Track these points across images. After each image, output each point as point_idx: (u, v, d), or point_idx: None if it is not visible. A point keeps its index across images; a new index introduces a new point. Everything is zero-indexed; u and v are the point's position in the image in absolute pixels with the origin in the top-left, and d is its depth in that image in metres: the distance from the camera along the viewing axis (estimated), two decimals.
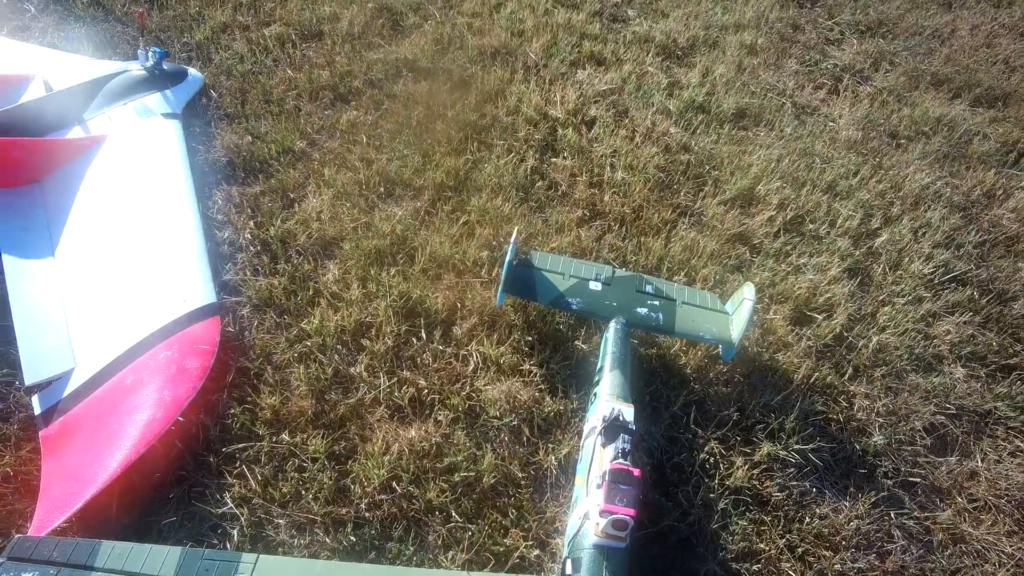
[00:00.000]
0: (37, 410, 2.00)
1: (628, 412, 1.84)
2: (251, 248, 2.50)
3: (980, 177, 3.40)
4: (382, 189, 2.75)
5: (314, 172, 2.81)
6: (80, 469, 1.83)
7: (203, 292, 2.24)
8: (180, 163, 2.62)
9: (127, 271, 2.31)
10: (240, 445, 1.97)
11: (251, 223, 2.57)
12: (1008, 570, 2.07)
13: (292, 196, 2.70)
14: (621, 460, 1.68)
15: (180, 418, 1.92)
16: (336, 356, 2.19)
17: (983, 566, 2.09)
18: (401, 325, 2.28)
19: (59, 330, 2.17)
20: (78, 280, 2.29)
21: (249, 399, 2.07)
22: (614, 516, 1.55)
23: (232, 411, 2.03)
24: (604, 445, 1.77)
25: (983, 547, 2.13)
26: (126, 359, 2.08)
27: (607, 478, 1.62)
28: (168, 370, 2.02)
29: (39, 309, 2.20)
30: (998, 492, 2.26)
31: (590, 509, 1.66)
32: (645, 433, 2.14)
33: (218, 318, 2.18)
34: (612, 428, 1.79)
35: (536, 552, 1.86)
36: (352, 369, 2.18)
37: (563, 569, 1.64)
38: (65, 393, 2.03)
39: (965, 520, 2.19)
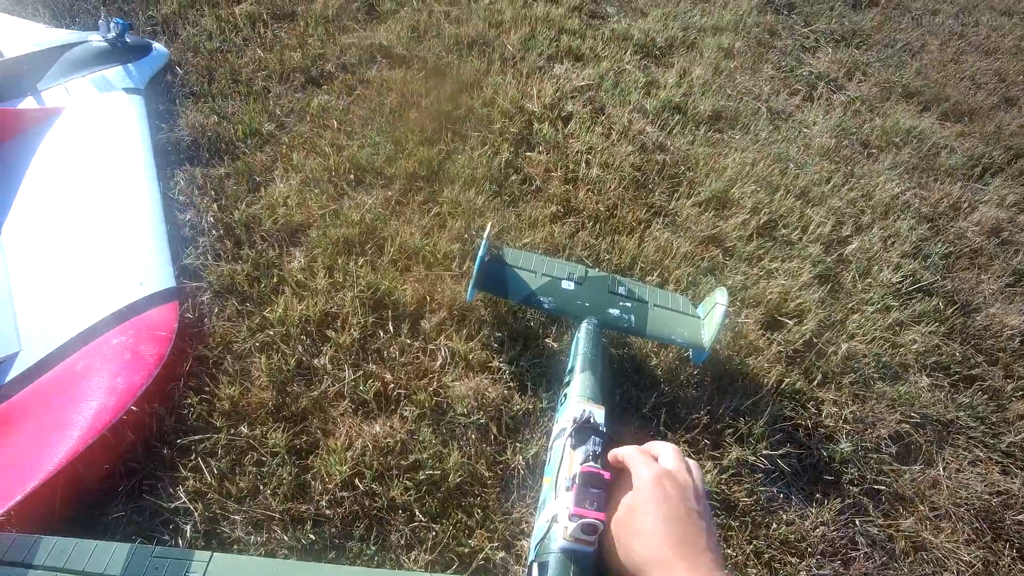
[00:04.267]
0: None
1: (599, 414, 1.79)
2: (214, 232, 2.40)
3: (947, 190, 3.45)
4: (352, 176, 2.67)
5: (282, 156, 2.71)
6: (23, 458, 1.72)
7: (161, 276, 2.14)
8: (141, 140, 2.50)
9: (80, 252, 2.19)
10: (196, 437, 1.88)
11: (214, 206, 2.47)
12: None
13: (258, 180, 2.61)
14: (592, 463, 1.64)
15: (133, 407, 1.82)
16: (300, 347, 2.11)
17: (942, 574, 2.11)
18: (368, 317, 2.21)
19: (4, 311, 2.05)
20: (26, 259, 2.17)
21: (207, 389, 1.98)
22: (584, 520, 1.49)
23: (188, 401, 1.94)
24: (574, 447, 1.72)
25: (943, 555, 2.15)
26: (77, 343, 1.97)
27: (577, 481, 1.57)
28: (122, 356, 1.92)
29: None
30: (958, 501, 2.28)
31: (558, 512, 1.61)
32: (615, 435, 2.11)
33: (176, 303, 2.08)
34: (582, 430, 1.74)
35: (501, 554, 1.81)
36: (316, 361, 2.10)
37: (529, 573, 1.59)
38: (8, 378, 1.92)
39: (926, 528, 2.21)
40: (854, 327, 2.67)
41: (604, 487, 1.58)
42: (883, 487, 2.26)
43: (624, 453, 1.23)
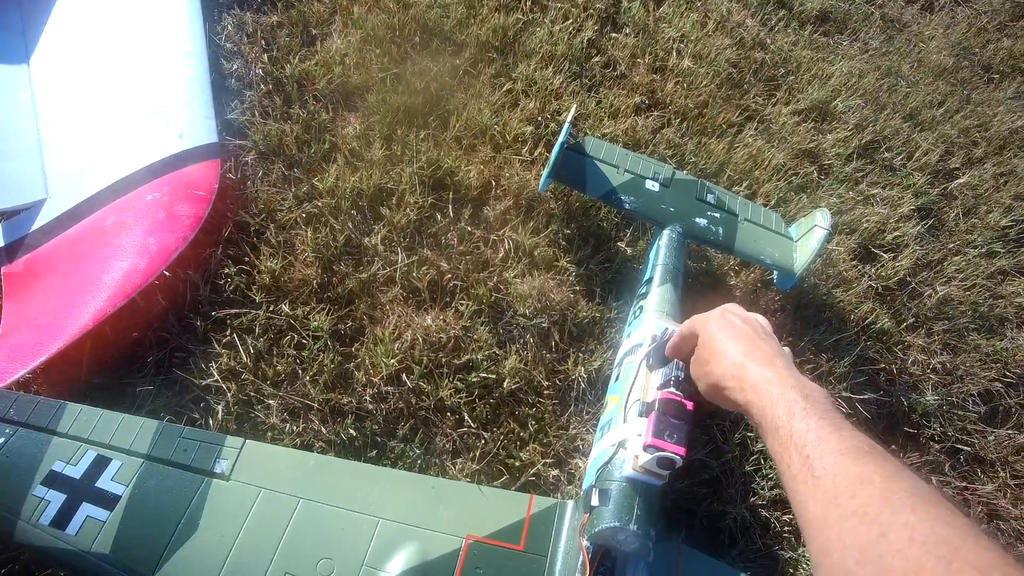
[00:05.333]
0: (0, 243, 1.72)
1: None
2: (262, 86, 2.14)
3: None
4: (417, 39, 2.37)
5: (342, 8, 2.40)
6: (47, 317, 1.57)
7: (203, 129, 1.92)
8: None
9: (115, 95, 1.96)
10: (232, 311, 1.71)
11: (265, 57, 2.20)
12: None
13: (314, 32, 2.32)
14: (673, 389, 1.44)
15: (166, 271, 1.65)
16: (350, 223, 1.90)
17: (1017, 547, 1.94)
18: (427, 197, 1.98)
19: (31, 153, 1.84)
20: (56, 99, 1.95)
21: (247, 260, 1.79)
22: (661, 454, 1.31)
23: (226, 271, 1.76)
24: (651, 368, 1.52)
25: (1020, 527, 1.98)
26: (107, 196, 1.77)
27: (657, 408, 1.38)
28: (156, 214, 1.73)
29: (7, 125, 1.87)
30: None
31: (628, 438, 1.43)
32: None
33: (218, 161, 1.87)
34: (663, 349, 1.54)
35: (555, 472, 1.66)
36: (367, 240, 1.89)
37: (587, 499, 1.43)
38: (34, 227, 1.74)
39: (1006, 496, 2.03)
40: (953, 270, 2.40)
41: (687, 419, 1.38)
42: (965, 447, 2.07)
43: (687, 321, 1.20)
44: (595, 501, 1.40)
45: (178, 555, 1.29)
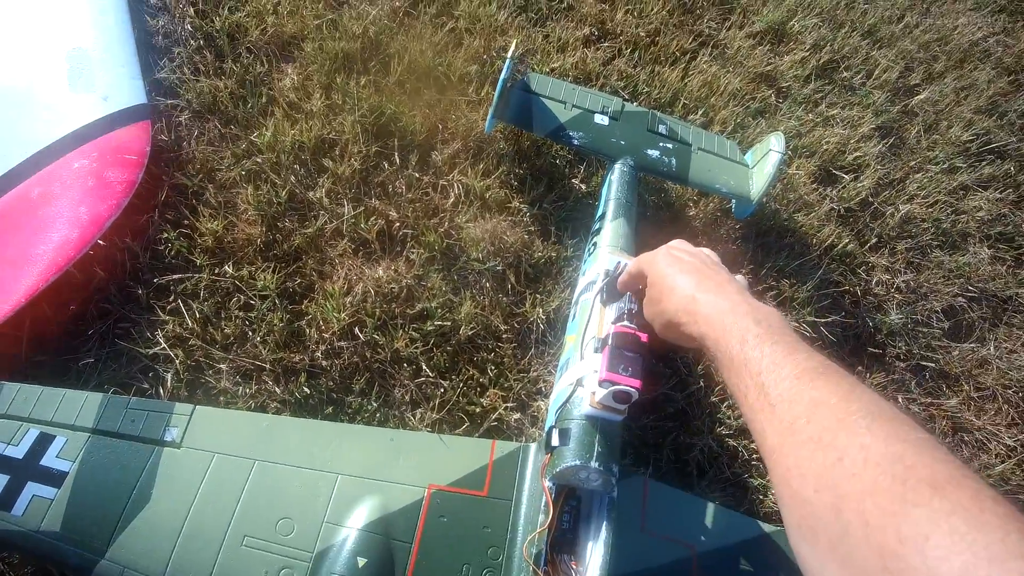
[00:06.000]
0: None
1: None
2: (191, 42, 2.04)
3: None
4: None
5: None
6: None
7: (129, 90, 1.83)
8: None
9: (31, 58, 1.85)
10: (175, 276, 1.65)
11: (191, 10, 2.09)
12: (1003, 460, 1.95)
13: None
14: (627, 323, 1.41)
15: (100, 240, 1.58)
16: (292, 177, 1.84)
17: (980, 457, 1.97)
18: (371, 145, 1.91)
19: None
20: None
21: (186, 223, 1.72)
22: (616, 387, 1.29)
23: (165, 236, 1.69)
24: (605, 303, 1.50)
25: (984, 437, 2.00)
26: (31, 167, 1.68)
27: (610, 342, 1.36)
28: (85, 182, 1.65)
29: None
30: (1006, 382, 2.11)
31: (585, 375, 1.41)
32: None
33: (148, 123, 1.78)
34: (616, 284, 1.51)
35: (516, 415, 1.64)
36: (311, 194, 1.83)
37: (548, 439, 1.41)
38: None
39: (970, 409, 2.04)
40: (915, 188, 2.38)
41: (641, 351, 1.36)
42: (930, 364, 2.07)
43: (635, 260, 1.18)
44: (555, 441, 1.39)
45: (132, 527, 1.26)
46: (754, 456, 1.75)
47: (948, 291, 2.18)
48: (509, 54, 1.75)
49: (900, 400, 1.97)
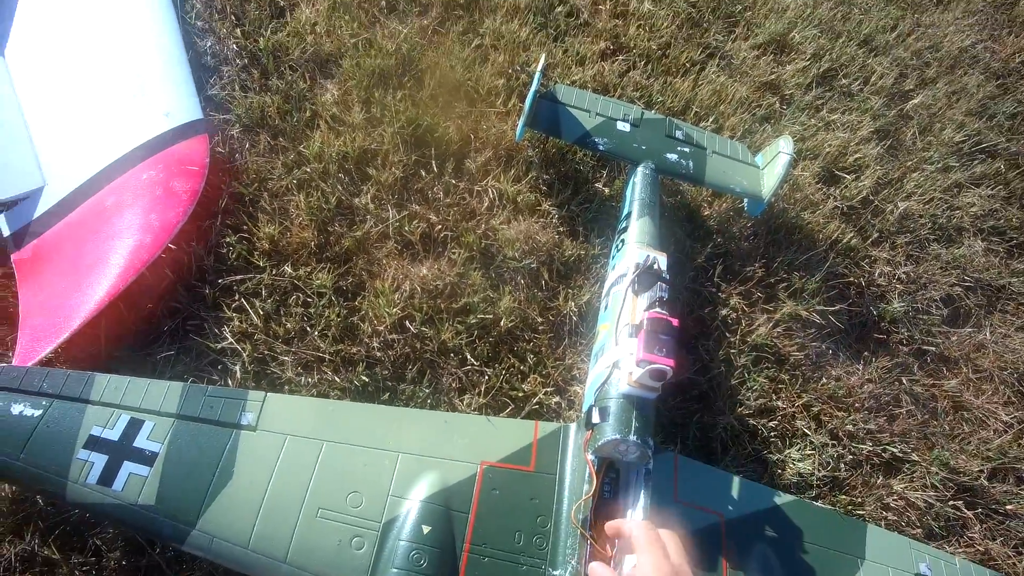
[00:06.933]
0: (6, 232, 1.77)
1: (663, 260, 1.71)
2: (237, 61, 2.19)
3: (1022, 43, 3.19)
4: (383, 3, 2.42)
5: None
6: (62, 298, 1.65)
7: (188, 106, 1.97)
8: None
9: (97, 79, 2.00)
10: (238, 277, 1.80)
11: (237, 31, 2.24)
12: (1000, 435, 2.10)
13: (282, 4, 2.36)
14: (659, 309, 1.57)
15: (171, 245, 1.72)
16: (339, 185, 1.98)
17: (979, 433, 2.11)
18: (410, 155, 2.07)
19: (21, 143, 1.89)
20: (38, 87, 1.99)
21: (245, 228, 1.87)
22: (653, 366, 1.44)
23: (227, 240, 1.84)
24: (637, 293, 1.65)
25: (982, 415, 2.15)
26: (104, 178, 1.83)
27: (645, 326, 1.51)
28: (153, 191, 1.79)
29: None
30: (1002, 364, 2.26)
31: (621, 358, 1.56)
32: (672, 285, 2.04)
33: (206, 136, 1.93)
34: (646, 275, 1.66)
35: (556, 399, 1.79)
36: (357, 200, 1.98)
37: (588, 418, 1.56)
38: (36, 214, 1.80)
39: (969, 389, 2.20)
40: (912, 186, 2.54)
41: (673, 334, 1.52)
42: (930, 348, 2.23)
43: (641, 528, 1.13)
44: (596, 418, 1.54)
45: (217, 502, 1.39)
46: (772, 434, 1.90)
47: (945, 281, 2.34)
48: (539, 67, 1.91)
49: (904, 382, 2.12)
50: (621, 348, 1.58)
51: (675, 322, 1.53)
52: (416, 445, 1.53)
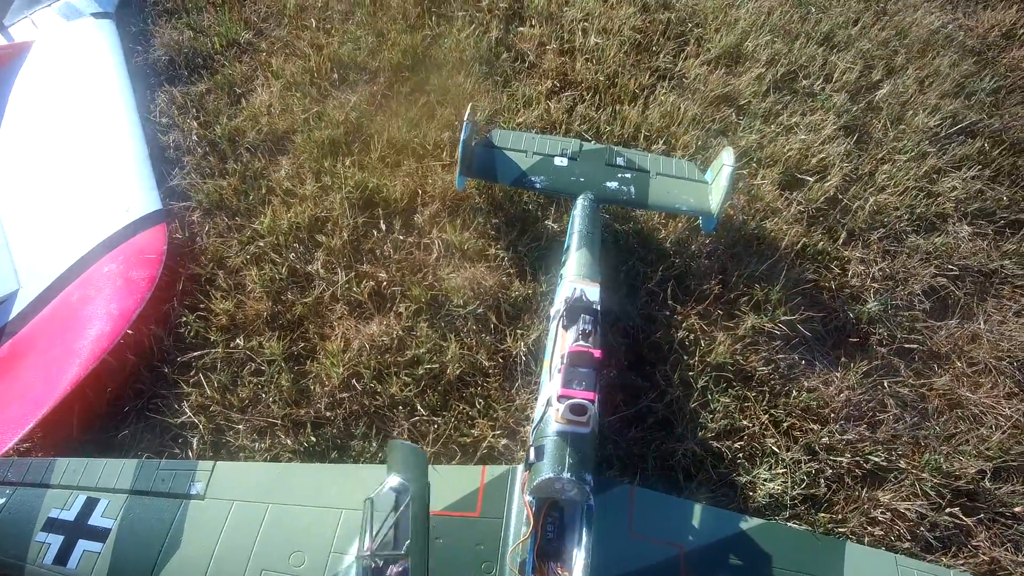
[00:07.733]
0: None
1: (592, 291, 1.71)
2: (198, 150, 2.34)
3: (999, 17, 3.08)
4: (335, 75, 2.55)
5: (261, 64, 2.60)
6: (31, 389, 1.78)
7: (146, 200, 2.11)
8: (116, 66, 2.43)
9: (65, 185, 2.17)
10: (195, 353, 1.90)
11: (195, 123, 2.39)
12: (1004, 432, 1.97)
13: (239, 91, 2.51)
14: (581, 342, 1.57)
15: (129, 331, 1.84)
16: (291, 255, 2.08)
17: (979, 430, 1.99)
18: (358, 217, 2.15)
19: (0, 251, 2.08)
20: (13, 198, 2.17)
21: (202, 306, 1.97)
22: (571, 400, 1.45)
23: (184, 319, 1.94)
24: (566, 327, 1.66)
25: (980, 411, 2.03)
26: (71, 275, 1.98)
27: (565, 361, 1.51)
28: (114, 283, 1.92)
29: None
30: (1000, 354, 2.14)
31: (551, 395, 1.56)
32: (621, 312, 2.03)
33: (164, 225, 2.06)
34: (573, 309, 1.66)
35: (504, 442, 1.80)
36: (309, 267, 2.06)
37: (527, 458, 1.56)
38: (12, 315, 1.96)
39: (963, 385, 2.08)
40: (884, 179, 2.46)
41: (593, 365, 1.52)
42: (915, 345, 2.13)
43: None
44: (532, 458, 1.54)
45: (166, 571, 1.46)
46: (739, 456, 1.84)
47: (926, 272, 2.24)
48: (466, 117, 1.97)
49: (887, 385, 2.02)
50: (552, 384, 1.59)
51: (597, 353, 1.53)
52: (360, 500, 1.56)
